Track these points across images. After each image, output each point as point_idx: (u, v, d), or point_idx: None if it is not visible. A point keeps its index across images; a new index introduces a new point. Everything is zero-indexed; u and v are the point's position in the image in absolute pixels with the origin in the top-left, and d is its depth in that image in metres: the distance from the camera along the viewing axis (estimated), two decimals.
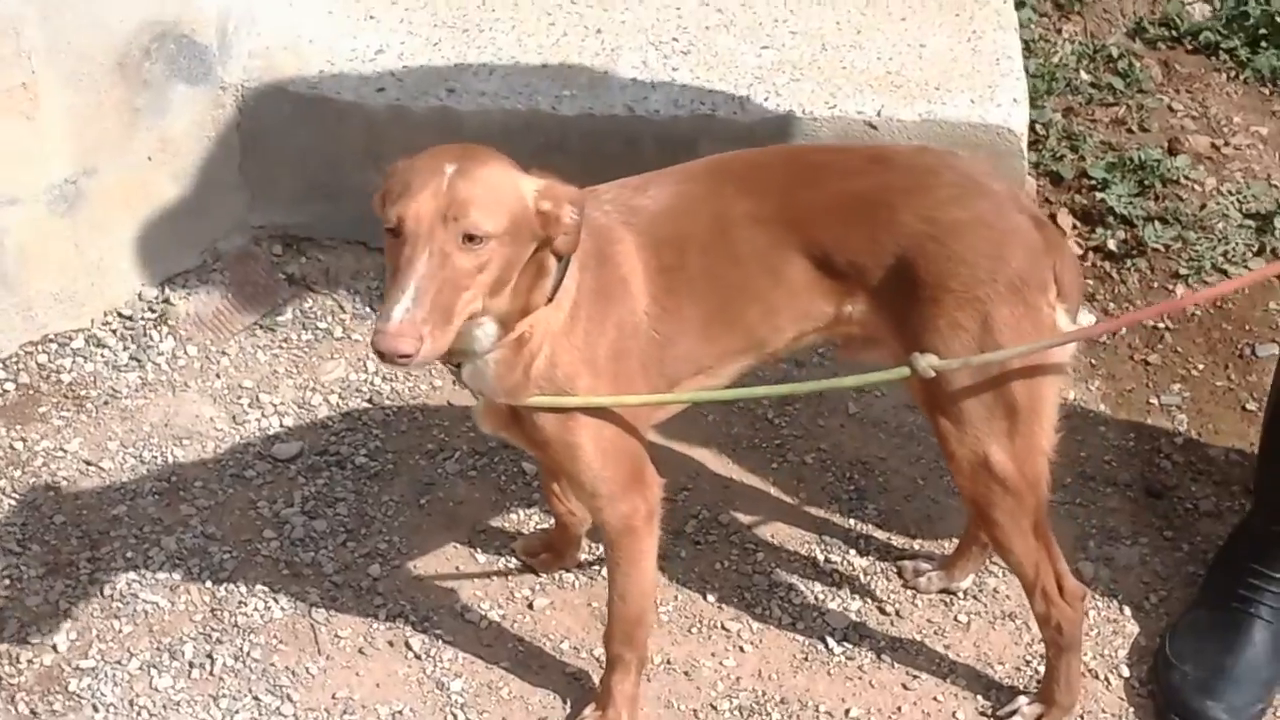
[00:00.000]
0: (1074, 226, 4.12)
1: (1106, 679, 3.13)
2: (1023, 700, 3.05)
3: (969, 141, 3.79)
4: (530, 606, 3.23)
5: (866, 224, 2.70)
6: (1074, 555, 3.31)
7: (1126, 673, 3.14)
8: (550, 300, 2.56)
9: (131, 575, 3.24)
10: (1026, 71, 4.41)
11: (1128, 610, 3.25)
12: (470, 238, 2.36)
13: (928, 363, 2.63)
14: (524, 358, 2.59)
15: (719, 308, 2.75)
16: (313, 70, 3.90)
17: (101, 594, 3.21)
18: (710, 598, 3.25)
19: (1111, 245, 4.04)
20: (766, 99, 3.85)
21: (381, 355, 2.32)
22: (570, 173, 2.73)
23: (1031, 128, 4.31)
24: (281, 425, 3.58)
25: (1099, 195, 4.13)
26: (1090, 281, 3.96)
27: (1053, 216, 4.12)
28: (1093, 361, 3.80)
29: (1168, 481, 3.51)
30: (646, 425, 2.83)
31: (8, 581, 3.23)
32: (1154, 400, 3.71)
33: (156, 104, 3.69)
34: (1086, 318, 3.86)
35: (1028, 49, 4.60)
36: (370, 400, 3.64)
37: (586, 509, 2.95)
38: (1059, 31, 4.76)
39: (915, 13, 4.19)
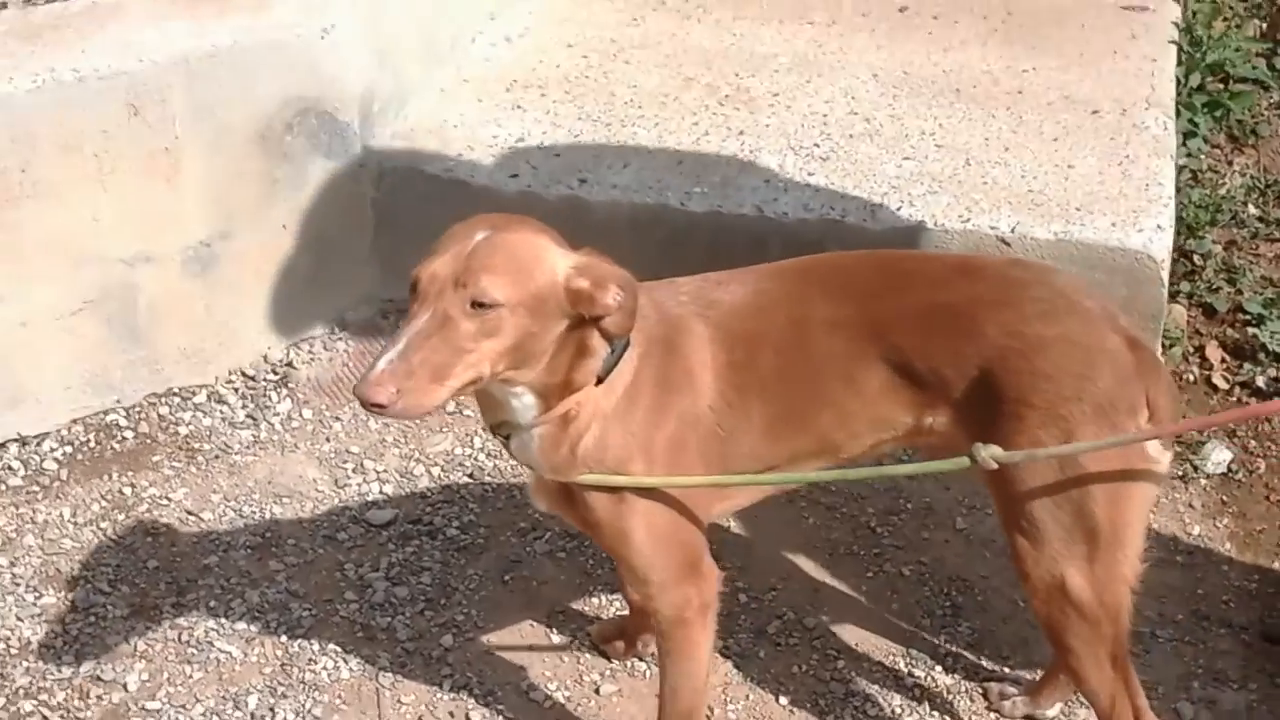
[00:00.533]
0: (1222, 360, 3.96)
1: None
2: None
3: (1105, 265, 3.67)
4: (597, 691, 3.18)
5: (950, 335, 2.62)
6: (1174, 694, 3.14)
7: None
8: (601, 381, 2.54)
9: (211, 624, 3.31)
10: (1190, 201, 4.30)
11: None
12: (478, 303, 2.35)
13: (989, 453, 2.52)
14: (570, 435, 2.56)
15: (789, 409, 2.69)
16: (452, 153, 4.00)
17: (179, 639, 3.28)
18: (783, 700, 3.16)
19: (1260, 382, 3.88)
20: (899, 208, 3.81)
21: (361, 402, 2.32)
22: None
23: (1189, 258, 4.19)
24: (381, 492, 3.63)
25: (1252, 331, 3.98)
26: None
27: (1201, 349, 3.98)
28: (1224, 498, 3.61)
29: None
30: (705, 515, 2.76)
31: (93, 619, 3.32)
32: None
33: (295, 176, 3.82)
34: (1222, 454, 3.70)
35: (1195, 179, 4.47)
36: (471, 475, 3.67)
37: (639, 596, 2.89)
38: (1230, 163, 4.62)
39: (1069, 133, 4.11)
